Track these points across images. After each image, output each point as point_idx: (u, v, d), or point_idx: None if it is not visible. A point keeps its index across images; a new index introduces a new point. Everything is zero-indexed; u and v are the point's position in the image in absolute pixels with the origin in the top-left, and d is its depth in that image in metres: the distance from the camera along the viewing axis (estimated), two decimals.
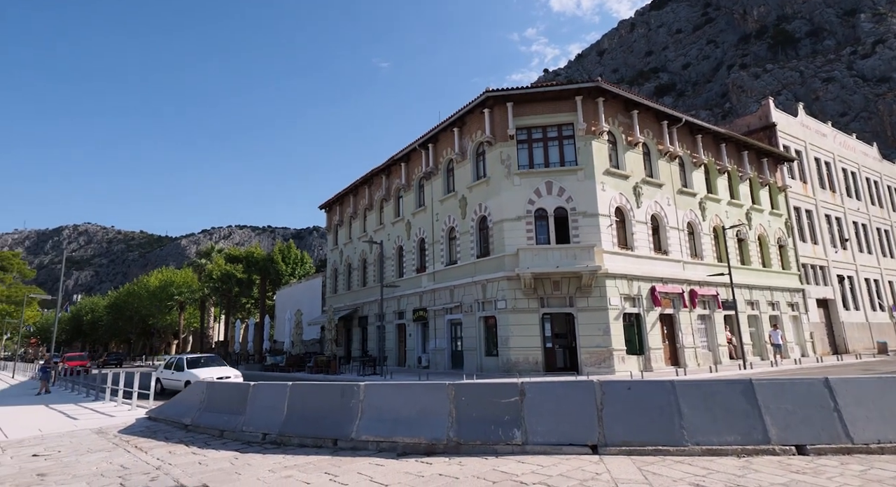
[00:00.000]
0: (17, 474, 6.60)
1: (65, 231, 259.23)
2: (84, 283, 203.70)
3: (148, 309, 61.31)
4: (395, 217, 29.36)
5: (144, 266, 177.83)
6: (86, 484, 5.94)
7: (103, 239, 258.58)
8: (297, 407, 8.18)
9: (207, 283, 46.83)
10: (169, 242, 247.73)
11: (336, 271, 35.87)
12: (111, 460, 7.23)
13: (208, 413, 9.43)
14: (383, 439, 7.11)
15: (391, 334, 27.74)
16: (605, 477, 5.23)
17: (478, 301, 21.66)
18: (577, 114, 21.31)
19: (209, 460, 6.98)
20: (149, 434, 9.34)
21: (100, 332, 77.80)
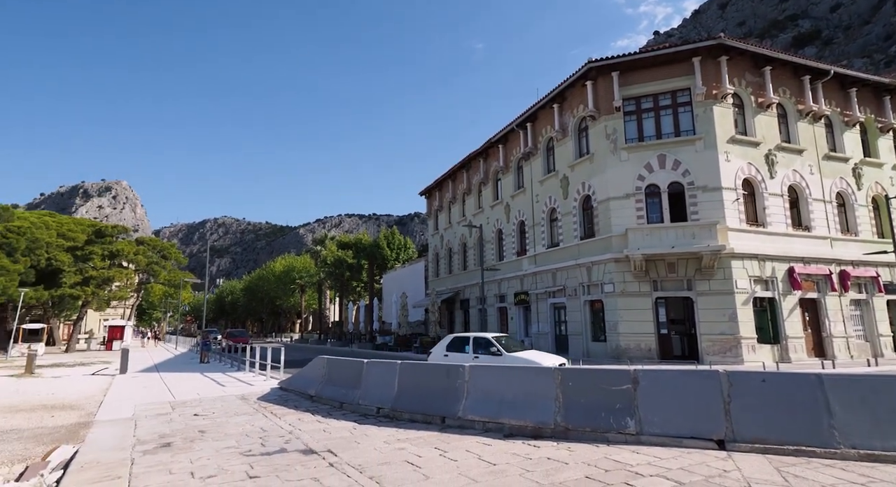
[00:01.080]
0: (185, 429, 7.90)
1: (207, 224, 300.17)
2: (224, 269, 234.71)
3: (275, 291, 69.03)
4: (494, 200, 29.29)
5: (270, 253, 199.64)
6: (235, 442, 6.91)
7: (237, 230, 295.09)
8: (407, 385, 8.64)
9: (323, 268, 51.22)
10: (289, 231, 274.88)
11: (437, 255, 36.97)
12: (253, 423, 8.32)
13: (329, 386, 10.38)
14: (489, 419, 7.24)
15: (493, 317, 27.99)
16: (734, 476, 4.78)
17: (582, 284, 20.90)
18: (694, 78, 19.24)
19: (332, 428, 7.70)
20: (281, 402, 10.56)
21: (238, 311, 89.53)
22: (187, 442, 6.91)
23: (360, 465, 5.53)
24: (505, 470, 5.20)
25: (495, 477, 4.97)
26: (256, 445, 6.66)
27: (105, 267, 40.12)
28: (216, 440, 7.03)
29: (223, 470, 5.46)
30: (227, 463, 5.75)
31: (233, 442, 6.85)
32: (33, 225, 37.38)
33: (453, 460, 5.67)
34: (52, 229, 38.67)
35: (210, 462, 5.80)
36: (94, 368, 21.60)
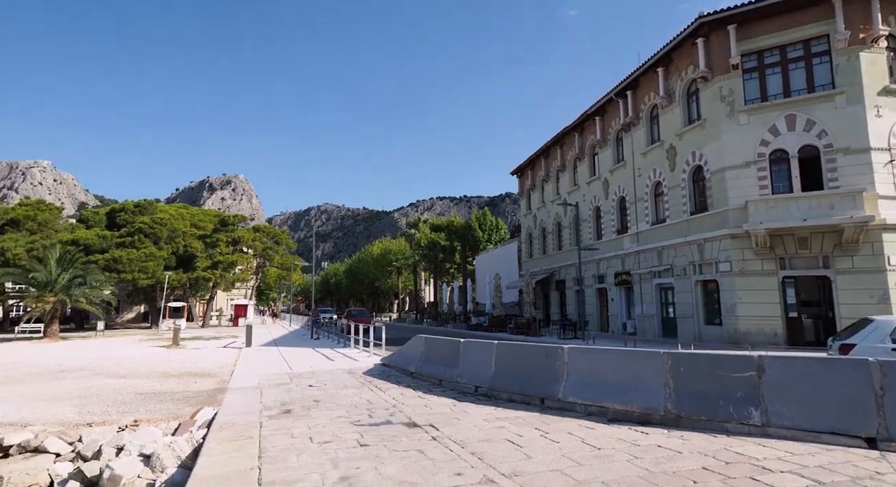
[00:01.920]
0: (302, 398, 8.72)
1: (312, 211, 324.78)
2: (328, 253, 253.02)
3: (374, 273, 73.07)
4: (591, 176, 27.95)
5: (368, 237, 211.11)
6: (345, 412, 7.49)
7: (338, 216, 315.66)
8: (504, 365, 8.69)
9: (417, 251, 53.04)
10: (385, 216, 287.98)
11: (530, 236, 36.37)
12: (360, 395, 8.94)
13: (428, 363, 10.80)
14: (591, 402, 7.03)
15: (591, 298, 27.00)
16: (890, 479, 4.15)
17: (693, 263, 19.29)
18: (834, 22, 16.49)
19: (432, 404, 8.01)
20: (384, 377, 11.22)
21: (342, 292, 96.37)
22: (305, 410, 7.63)
23: (461, 441, 5.69)
24: (611, 456, 5.03)
25: (601, 462, 4.83)
26: (364, 416, 7.16)
27: (229, 252, 45.35)
28: (329, 409, 7.68)
29: (337, 437, 5.95)
30: (340, 431, 6.26)
31: (343, 412, 7.43)
32: (172, 216, 43.27)
33: (555, 441, 5.61)
34: (187, 220, 44.46)
35: (325, 430, 6.36)
36: (224, 341, 24.69)
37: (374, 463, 4.88)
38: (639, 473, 4.48)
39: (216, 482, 4.46)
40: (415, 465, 4.81)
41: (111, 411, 8.59)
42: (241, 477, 4.55)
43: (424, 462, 4.89)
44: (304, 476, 4.56)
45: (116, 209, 45.61)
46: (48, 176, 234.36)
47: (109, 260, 36.81)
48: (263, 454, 5.29)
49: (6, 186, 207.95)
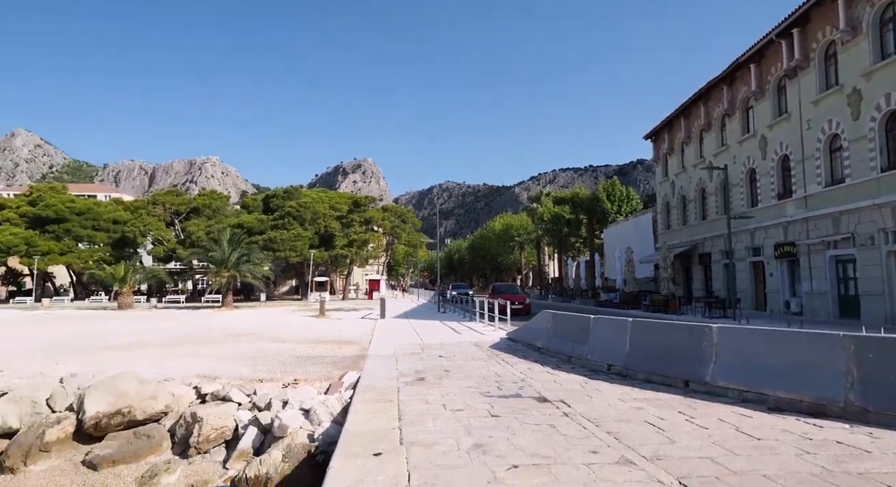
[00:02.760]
0: (433, 368, 9.25)
1: (434, 189, 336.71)
2: (450, 230, 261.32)
3: (495, 249, 73.75)
4: (743, 134, 24.45)
5: (489, 213, 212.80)
6: (475, 383, 7.76)
7: (459, 193, 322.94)
8: (640, 343, 8.18)
9: (540, 225, 52.04)
10: (505, 191, 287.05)
11: (668, 205, 33.30)
12: (488, 368, 9.18)
13: (555, 339, 10.65)
14: (746, 388, 6.30)
15: (743, 273, 23.99)
16: None
17: (883, 230, 15.98)
18: None
19: (562, 380, 7.91)
20: (510, 351, 11.35)
21: (465, 268, 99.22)
22: (437, 379, 8.08)
23: (595, 419, 5.54)
24: (774, 448, 4.47)
25: (762, 454, 4.32)
26: (493, 388, 7.34)
27: (362, 231, 49.40)
28: (459, 380, 8.02)
29: (468, 406, 6.21)
30: (470, 401, 6.51)
31: (473, 383, 7.71)
32: (313, 200, 48.31)
33: (703, 427, 5.16)
34: (325, 203, 49.29)
35: (457, 398, 6.67)
36: (362, 313, 27.17)
37: (505, 434, 5.00)
38: (812, 470, 3.91)
39: (364, 438, 4.97)
40: (547, 439, 4.82)
41: (276, 370, 10.04)
42: (385, 436, 5.01)
43: (556, 437, 4.87)
44: (440, 439, 4.85)
45: (270, 195, 52.37)
46: (217, 169, 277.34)
47: (266, 240, 42.61)
48: (402, 416, 5.74)
49: (188, 180, 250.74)
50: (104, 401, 7.53)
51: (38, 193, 50.17)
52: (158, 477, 6.47)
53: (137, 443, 7.15)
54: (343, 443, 4.82)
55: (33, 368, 10.14)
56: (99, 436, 7.37)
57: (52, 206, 46.26)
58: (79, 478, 6.67)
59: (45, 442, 7.13)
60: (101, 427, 7.36)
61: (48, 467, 6.97)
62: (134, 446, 7.10)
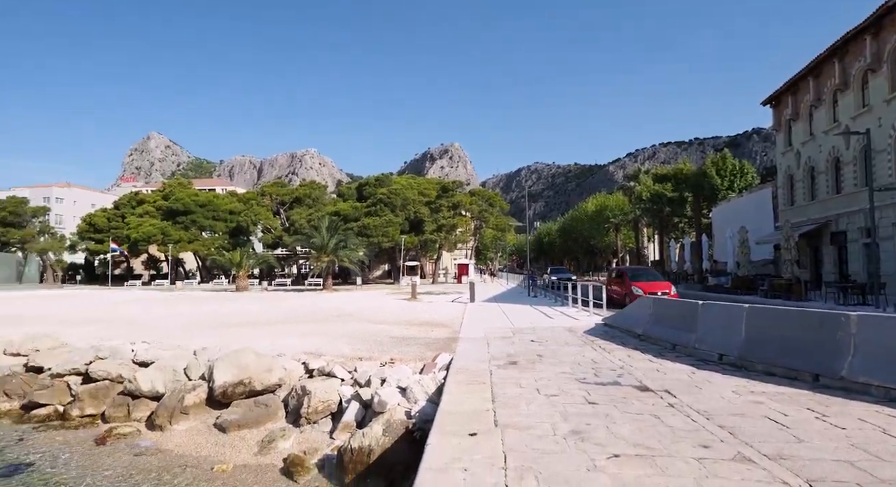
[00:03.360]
0: (525, 352, 9.19)
1: (522, 172, 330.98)
2: (539, 212, 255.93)
3: (588, 231, 70.99)
4: (892, 91, 20.86)
5: (581, 194, 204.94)
6: (569, 368, 7.59)
7: (548, 174, 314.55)
8: (758, 332, 7.44)
9: (638, 205, 49.05)
10: (598, 170, 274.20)
11: (791, 178, 29.60)
12: (583, 354, 8.93)
13: (657, 326, 10.04)
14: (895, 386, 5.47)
15: (889, 253, 20.72)
16: None
17: None
18: None
19: (666, 369, 7.45)
20: (606, 337, 10.92)
21: (556, 251, 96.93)
22: (529, 364, 8.03)
23: (705, 411, 5.16)
24: None
25: None
26: (590, 374, 7.13)
27: (450, 216, 50.14)
28: (552, 365, 7.90)
29: (563, 392, 6.10)
30: (565, 386, 6.39)
31: (567, 369, 7.55)
32: (403, 187, 49.88)
33: (838, 427, 4.58)
34: (414, 189, 50.65)
35: (551, 383, 6.58)
36: (452, 296, 27.72)
37: (604, 422, 4.84)
38: None
39: (459, 417, 5.10)
40: (651, 429, 4.59)
41: (373, 349, 10.62)
42: (479, 417, 5.10)
43: (661, 428, 4.61)
44: (535, 423, 4.83)
45: (363, 183, 55.00)
46: (315, 160, 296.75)
47: (361, 226, 44.93)
48: (496, 399, 5.80)
49: (290, 172, 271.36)
50: (229, 373, 8.50)
51: (170, 189, 57.38)
52: (275, 442, 7.20)
53: (257, 411, 8.00)
54: (439, 422, 4.98)
55: (172, 342, 11.72)
56: (226, 403, 8.35)
57: (181, 200, 52.67)
58: (212, 439, 7.64)
59: (185, 406, 8.25)
60: (227, 395, 8.33)
61: (188, 427, 8.06)
62: (255, 413, 7.95)
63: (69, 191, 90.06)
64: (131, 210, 55.04)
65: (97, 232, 54.64)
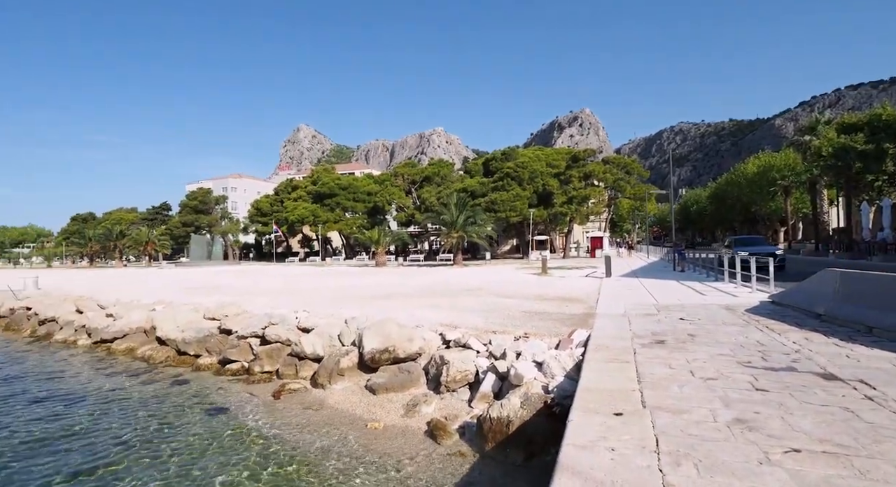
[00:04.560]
0: (673, 331, 8.48)
1: (664, 134, 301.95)
2: (685, 178, 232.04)
3: (748, 196, 62.35)
4: None
5: (737, 154, 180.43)
6: (729, 350, 6.82)
7: (696, 134, 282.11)
8: None
9: (815, 162, 41.53)
10: (760, 125, 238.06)
11: None
12: (746, 335, 7.94)
13: (847, 305, 8.48)
14: None
15: None
16: None
17: None
18: None
19: (858, 355, 6.29)
20: (776, 317, 9.56)
21: (705, 221, 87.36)
22: (679, 343, 7.40)
23: None
24: None
25: None
26: (756, 358, 6.33)
27: (581, 187, 47.93)
28: (707, 345, 7.17)
29: (723, 375, 5.51)
30: (725, 370, 5.76)
31: (726, 351, 6.80)
32: (530, 159, 48.88)
33: None
34: (542, 160, 49.31)
35: (707, 366, 5.98)
36: (585, 271, 26.71)
37: (778, 412, 4.26)
38: None
39: (601, 395, 4.92)
40: (841, 424, 3.92)
41: (506, 323, 10.74)
42: (624, 396, 4.86)
43: (857, 424, 3.92)
44: (690, 407, 4.45)
45: (489, 159, 55.17)
46: (442, 139, 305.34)
47: (488, 202, 45.32)
48: (642, 379, 5.46)
49: (419, 152, 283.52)
50: (375, 340, 9.32)
51: (317, 175, 63.98)
52: (419, 407, 7.74)
53: (401, 377, 8.67)
54: (580, 399, 4.86)
55: (327, 311, 13.21)
56: (374, 368, 9.20)
57: (327, 184, 58.45)
58: (364, 399, 8.51)
59: (340, 368, 9.28)
60: (374, 360, 9.16)
61: (343, 387, 9.08)
62: (399, 379, 8.63)
63: (240, 181, 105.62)
64: (287, 195, 62.70)
65: (262, 215, 63.43)
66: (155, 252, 69.39)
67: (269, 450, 6.93)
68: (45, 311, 17.81)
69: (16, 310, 19.45)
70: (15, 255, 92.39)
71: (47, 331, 16.45)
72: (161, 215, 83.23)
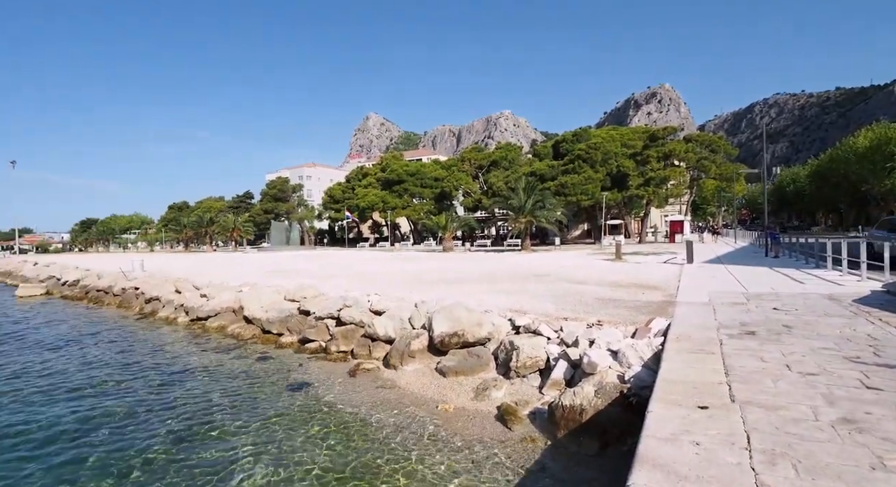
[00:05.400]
0: (765, 321, 7.85)
1: (755, 107, 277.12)
2: (780, 155, 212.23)
3: (858, 173, 55.93)
4: None
5: (845, 126, 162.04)
6: (833, 344, 6.21)
7: (794, 107, 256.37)
8: None
9: None
10: (874, 93, 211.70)
11: None
12: (853, 327, 7.19)
13: None
14: None
15: None
16: None
17: None
18: None
19: None
20: (891, 308, 8.56)
21: (804, 202, 79.52)
22: (772, 335, 6.84)
23: None
24: None
25: None
26: (866, 353, 5.71)
27: (660, 168, 45.27)
28: (806, 338, 6.58)
29: (825, 371, 5.03)
30: (828, 365, 5.25)
31: (830, 344, 6.19)
32: (603, 140, 46.88)
33: None
34: (616, 141, 47.13)
35: (806, 360, 5.49)
36: (663, 257, 25.34)
37: (894, 412, 3.83)
38: None
39: (683, 387, 4.67)
40: None
41: (578, 310, 10.47)
42: (710, 389, 4.58)
43: None
44: (786, 403, 4.11)
45: (559, 141, 53.59)
46: (509, 122, 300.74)
47: (558, 185, 44.14)
48: (730, 372, 5.12)
49: (486, 136, 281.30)
50: (445, 324, 9.46)
51: (386, 162, 65.49)
52: (489, 391, 7.79)
53: (471, 361, 8.75)
54: (661, 390, 4.65)
55: (396, 294, 13.58)
56: (443, 351, 9.36)
57: (395, 171, 59.70)
58: (435, 381, 8.70)
59: (411, 350, 9.54)
60: (444, 343, 9.31)
61: (414, 369, 9.34)
62: (469, 362, 8.72)
63: (314, 169, 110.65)
64: (358, 182, 64.82)
65: (335, 202, 66.14)
66: (240, 237, 74.74)
67: (346, 424, 7.30)
68: (150, 291, 19.81)
69: (126, 290, 21.79)
70: (124, 241, 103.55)
71: (152, 309, 18.32)
72: (244, 203, 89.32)
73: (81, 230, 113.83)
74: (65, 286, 27.99)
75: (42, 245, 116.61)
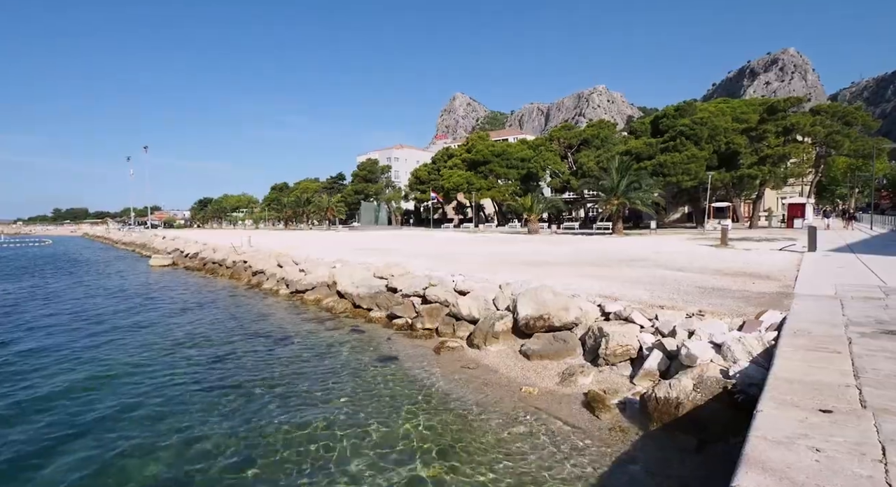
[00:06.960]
0: None
1: None
2: None
3: None
4: None
5: None
6: None
7: None
8: None
9: None
10: None
11: None
12: None
13: None
14: None
15: None
16: None
17: None
18: None
19: None
20: None
21: None
22: None
23: None
24: None
25: None
26: None
27: (779, 144, 40.62)
28: None
29: None
30: None
31: None
32: (711, 114, 42.93)
33: None
34: (727, 115, 42.95)
35: None
36: (779, 244, 22.89)
37: None
38: None
39: (800, 387, 4.22)
40: None
41: (676, 298, 9.82)
42: (834, 391, 4.09)
43: None
44: None
45: (658, 116, 49.92)
46: (603, 98, 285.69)
47: (656, 165, 41.33)
48: (861, 374, 4.53)
49: (577, 114, 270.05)
50: (530, 307, 9.35)
51: (471, 143, 65.39)
52: (575, 377, 7.62)
53: (556, 345, 8.60)
54: (773, 389, 4.24)
55: (481, 275, 13.64)
56: (528, 334, 9.28)
57: (480, 152, 59.45)
58: (519, 363, 8.68)
59: (495, 331, 9.58)
60: (529, 326, 9.22)
61: (497, 350, 9.37)
62: (554, 347, 8.57)
63: (401, 151, 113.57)
64: (443, 163, 65.50)
65: (421, 183, 67.52)
66: (333, 216, 79.26)
67: (431, 398, 7.54)
68: (256, 264, 21.77)
69: (237, 263, 24.16)
70: (234, 218, 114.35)
71: (258, 281, 20.13)
72: (337, 184, 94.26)
73: (199, 208, 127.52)
74: (186, 258, 31.64)
75: (168, 221, 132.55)
